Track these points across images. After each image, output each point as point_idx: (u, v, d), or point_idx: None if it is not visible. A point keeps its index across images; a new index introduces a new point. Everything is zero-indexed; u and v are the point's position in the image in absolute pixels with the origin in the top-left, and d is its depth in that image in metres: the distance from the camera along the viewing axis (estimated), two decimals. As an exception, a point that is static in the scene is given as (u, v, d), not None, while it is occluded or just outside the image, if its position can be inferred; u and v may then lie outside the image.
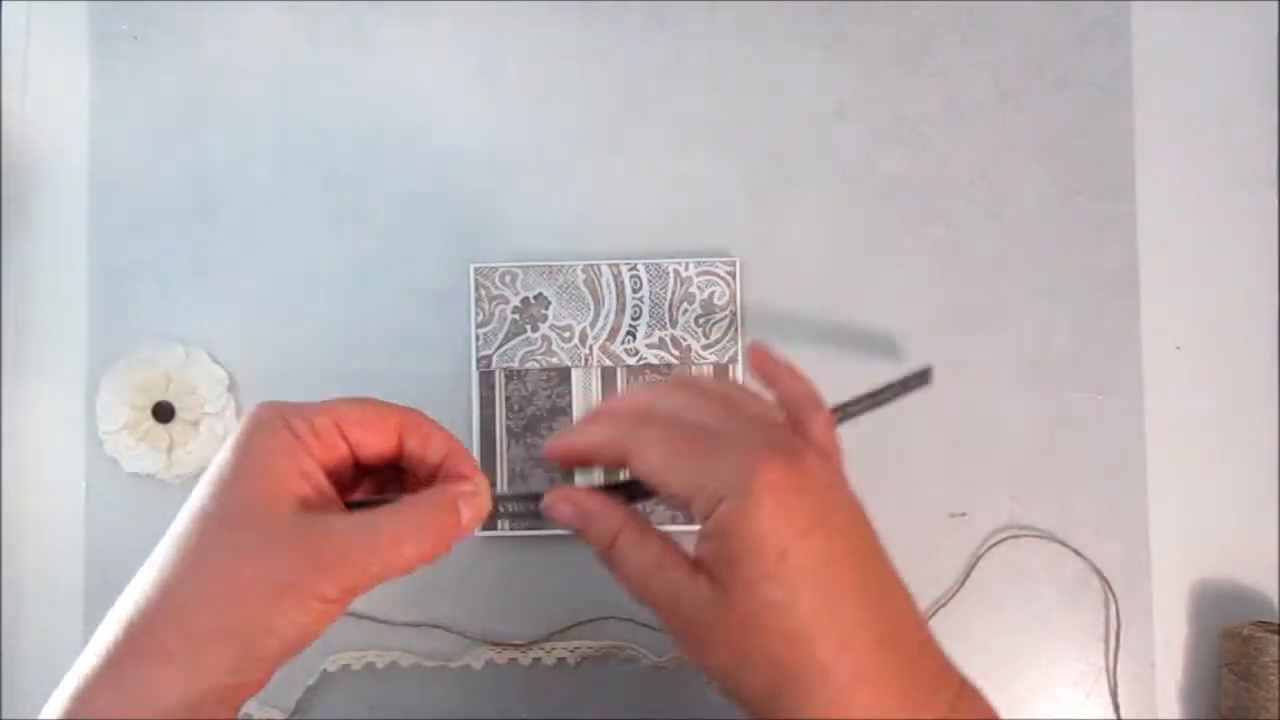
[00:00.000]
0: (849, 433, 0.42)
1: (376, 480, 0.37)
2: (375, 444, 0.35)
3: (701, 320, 0.62)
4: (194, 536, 0.31)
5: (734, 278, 0.62)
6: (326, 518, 0.32)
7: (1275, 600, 0.62)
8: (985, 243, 0.64)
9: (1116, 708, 0.61)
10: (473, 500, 0.34)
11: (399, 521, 0.33)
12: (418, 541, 0.32)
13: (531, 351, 0.62)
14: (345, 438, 0.34)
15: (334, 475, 0.34)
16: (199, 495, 0.32)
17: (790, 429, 0.38)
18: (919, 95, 0.64)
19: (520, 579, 0.62)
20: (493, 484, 0.35)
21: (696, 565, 0.33)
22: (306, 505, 0.32)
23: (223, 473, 0.32)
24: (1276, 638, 0.57)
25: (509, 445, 0.62)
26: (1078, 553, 0.62)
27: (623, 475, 0.35)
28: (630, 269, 0.62)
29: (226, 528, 0.31)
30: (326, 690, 0.61)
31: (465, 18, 0.65)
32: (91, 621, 0.58)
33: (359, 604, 0.62)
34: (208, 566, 0.31)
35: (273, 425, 0.33)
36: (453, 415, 0.62)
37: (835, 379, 0.63)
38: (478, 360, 0.62)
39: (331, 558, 0.31)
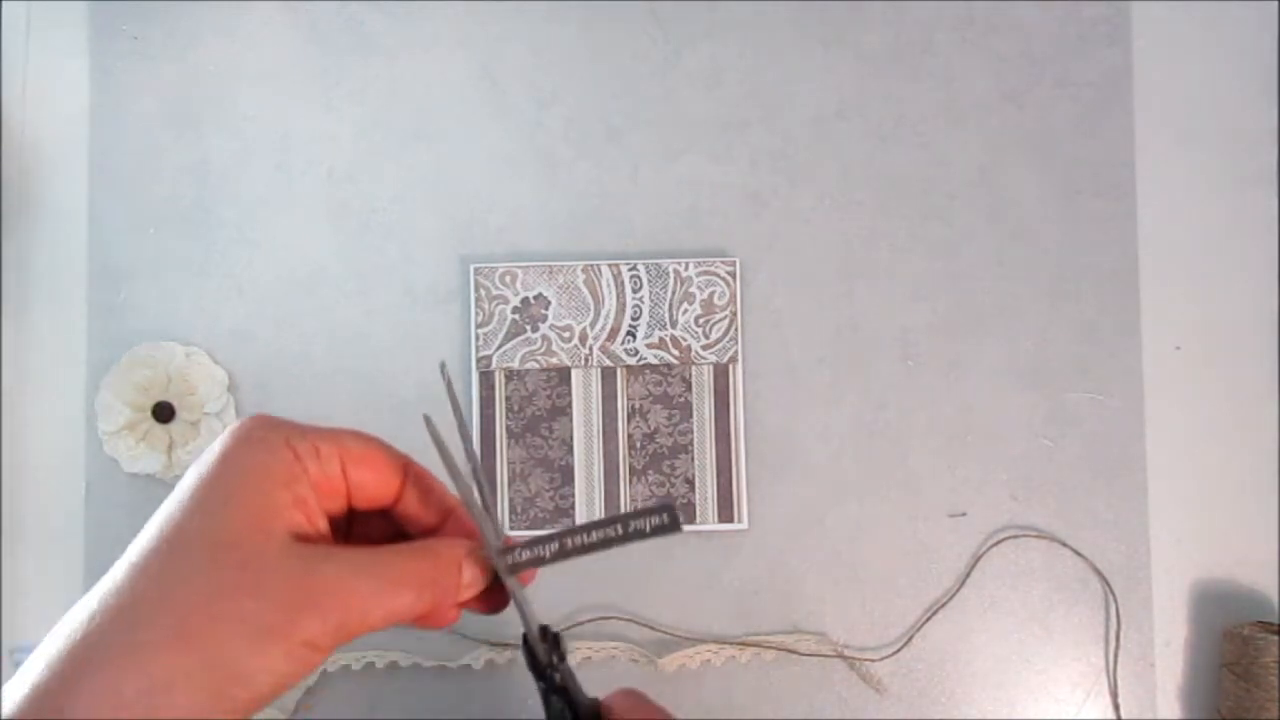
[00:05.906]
0: (850, 432, 0.41)
1: (363, 533, 0.33)
2: (374, 487, 0.31)
3: (701, 320, 0.62)
4: (165, 560, 0.27)
5: (734, 278, 0.62)
6: (322, 551, 0.28)
7: (1275, 600, 0.62)
8: (985, 243, 0.64)
9: (1116, 708, 0.61)
10: (472, 564, 0.31)
11: (404, 563, 0.29)
12: (419, 591, 0.29)
13: (531, 351, 0.62)
14: (345, 473, 0.31)
15: (326, 514, 0.31)
16: (175, 511, 0.28)
17: None
18: (919, 95, 0.64)
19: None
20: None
21: None
22: (300, 537, 0.28)
23: (207, 488, 0.28)
24: (1276, 638, 0.57)
25: (509, 445, 0.62)
26: (1078, 553, 0.62)
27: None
28: (630, 269, 0.62)
29: (207, 554, 0.27)
30: (326, 690, 0.61)
31: (465, 18, 0.65)
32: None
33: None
34: (178, 597, 0.26)
35: (271, 442, 0.29)
36: (452, 416, 0.62)
37: (835, 379, 0.64)
38: (477, 360, 0.62)
39: (326, 597, 0.27)
